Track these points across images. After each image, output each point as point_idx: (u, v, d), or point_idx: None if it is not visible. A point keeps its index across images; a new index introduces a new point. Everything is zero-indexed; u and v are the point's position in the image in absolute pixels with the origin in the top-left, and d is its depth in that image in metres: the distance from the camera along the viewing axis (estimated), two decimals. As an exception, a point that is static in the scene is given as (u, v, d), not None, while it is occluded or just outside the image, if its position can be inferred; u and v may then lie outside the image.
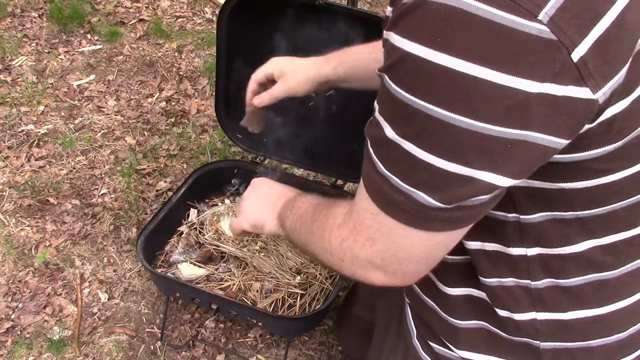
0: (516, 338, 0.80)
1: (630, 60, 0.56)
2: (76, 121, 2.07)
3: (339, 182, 1.60)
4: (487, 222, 0.71)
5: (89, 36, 2.40)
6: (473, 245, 0.75)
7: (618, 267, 0.74)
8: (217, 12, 2.40)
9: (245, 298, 1.45)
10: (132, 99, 2.18)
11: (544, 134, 0.56)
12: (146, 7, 2.58)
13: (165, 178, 1.91)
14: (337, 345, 1.55)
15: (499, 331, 0.81)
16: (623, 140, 0.61)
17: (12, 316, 1.56)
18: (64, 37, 2.38)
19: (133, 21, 2.50)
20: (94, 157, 1.96)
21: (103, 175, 1.91)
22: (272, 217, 1.00)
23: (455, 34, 0.54)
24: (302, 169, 1.82)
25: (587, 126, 0.58)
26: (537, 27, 0.52)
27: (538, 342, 0.79)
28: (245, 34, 1.44)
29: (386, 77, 0.59)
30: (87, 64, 2.29)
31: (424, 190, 0.61)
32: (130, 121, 2.09)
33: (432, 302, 0.87)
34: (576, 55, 0.53)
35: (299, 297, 1.45)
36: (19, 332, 1.53)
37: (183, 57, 2.38)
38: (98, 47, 2.37)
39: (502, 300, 0.77)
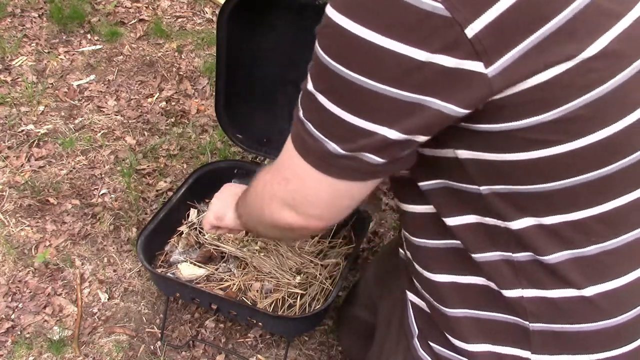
0: (505, 317, 0.80)
1: (536, 37, 0.62)
2: (76, 121, 2.07)
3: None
4: (462, 195, 0.76)
5: (89, 36, 2.40)
6: (455, 221, 0.79)
7: (590, 245, 0.74)
8: (217, 12, 2.40)
9: (245, 298, 1.45)
10: (132, 99, 2.18)
11: (438, 99, 0.64)
12: (146, 7, 2.58)
13: (165, 178, 1.91)
14: (337, 345, 1.55)
15: (489, 313, 0.81)
16: (553, 112, 0.65)
17: (12, 316, 1.56)
18: (64, 37, 2.38)
19: (133, 21, 2.50)
20: (94, 157, 1.96)
21: (103, 175, 1.91)
22: (231, 208, 1.11)
23: (365, 6, 0.63)
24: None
25: (498, 96, 0.64)
26: (433, 4, 0.59)
27: (527, 322, 0.79)
28: (245, 34, 1.44)
29: (317, 38, 0.68)
30: (87, 64, 2.29)
31: (331, 139, 0.70)
32: (130, 121, 2.09)
33: (426, 294, 0.88)
34: (470, 31, 0.60)
35: (299, 297, 1.45)
36: (19, 332, 1.53)
37: (183, 57, 2.38)
38: (98, 47, 2.37)
39: (491, 277, 0.79)
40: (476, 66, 0.61)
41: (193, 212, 1.64)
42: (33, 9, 2.45)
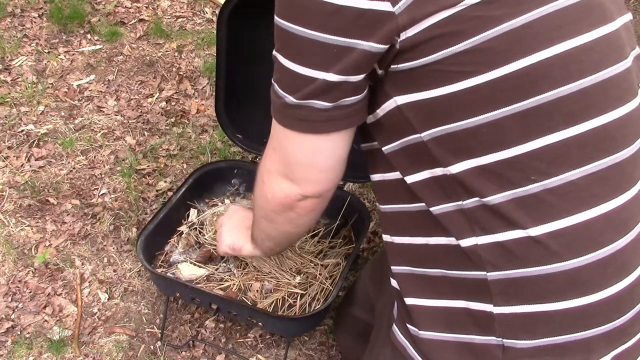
0: (465, 273, 0.82)
1: None
2: (76, 121, 2.07)
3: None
4: (406, 153, 0.84)
5: (89, 36, 2.40)
6: (413, 179, 0.85)
7: (529, 183, 0.76)
8: (217, 12, 2.41)
9: (245, 298, 1.45)
10: (132, 99, 2.18)
11: (360, 39, 0.73)
12: (146, 7, 2.58)
13: (165, 178, 1.91)
14: (336, 345, 1.55)
15: (450, 271, 0.84)
16: (464, 44, 0.72)
17: (12, 316, 1.56)
18: (64, 37, 2.38)
19: (133, 21, 2.50)
20: (94, 157, 1.96)
21: (103, 175, 1.91)
22: (247, 240, 1.20)
23: None
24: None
25: (408, 33, 0.72)
26: None
27: (485, 272, 0.80)
28: (245, 34, 1.44)
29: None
30: (87, 64, 2.29)
31: (286, 91, 0.81)
32: (130, 121, 2.09)
33: (396, 266, 0.93)
34: None
35: (299, 297, 1.45)
36: (19, 332, 1.53)
37: (183, 57, 2.38)
38: (98, 47, 2.37)
39: (448, 230, 0.82)
40: (384, 6, 0.71)
41: (193, 212, 1.64)
42: (33, 9, 2.45)
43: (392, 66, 0.77)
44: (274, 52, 0.81)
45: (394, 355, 0.93)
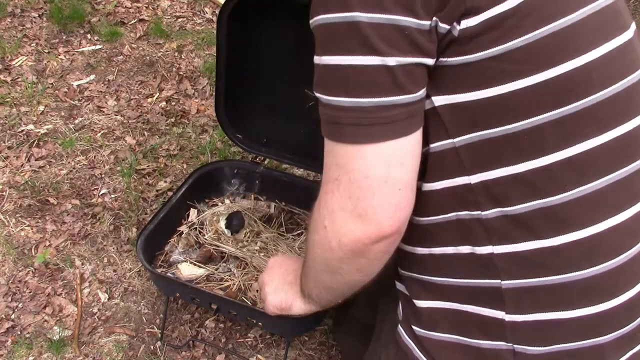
0: (478, 281, 0.80)
1: None
2: (76, 121, 2.07)
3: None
4: (431, 159, 0.78)
5: (89, 36, 2.40)
6: (429, 187, 0.81)
7: (559, 192, 0.74)
8: (217, 12, 2.41)
9: (245, 298, 1.45)
10: (132, 99, 2.18)
11: (400, 15, 0.67)
12: (146, 7, 2.58)
13: (165, 178, 1.91)
14: (336, 346, 1.55)
15: (461, 280, 0.82)
16: (521, 39, 0.69)
17: (12, 316, 1.56)
18: (64, 37, 2.38)
19: (133, 21, 2.50)
20: (94, 157, 1.96)
21: (103, 175, 1.91)
22: (295, 297, 1.04)
23: None
24: (302, 169, 1.82)
25: (471, 22, 0.68)
26: None
27: (499, 280, 0.78)
28: (245, 34, 1.44)
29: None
30: (87, 64, 2.29)
31: (357, 94, 0.70)
32: (130, 121, 2.09)
33: (408, 272, 0.91)
34: None
35: (299, 297, 1.45)
36: (19, 332, 1.53)
37: (183, 57, 2.38)
38: (98, 47, 2.37)
39: (463, 237, 0.80)
40: None
41: (193, 212, 1.64)
42: (33, 9, 2.45)
43: (440, 59, 0.71)
44: (317, 60, 0.73)
45: (399, 356, 0.92)
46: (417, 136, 0.74)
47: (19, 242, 1.71)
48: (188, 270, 1.49)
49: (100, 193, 1.86)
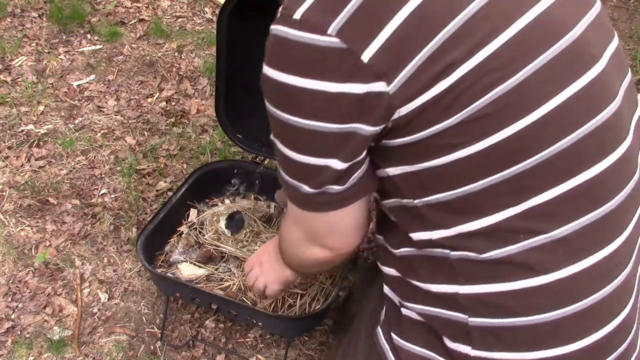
0: (448, 313, 0.82)
1: (429, 49, 0.67)
2: (76, 121, 2.07)
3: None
4: (403, 209, 0.83)
5: (89, 36, 2.40)
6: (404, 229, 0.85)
7: (517, 242, 0.75)
8: (217, 12, 2.40)
9: (245, 298, 1.45)
10: (132, 99, 2.18)
11: (361, 124, 0.71)
12: (146, 7, 2.58)
13: (165, 178, 1.91)
14: (336, 345, 1.55)
15: (435, 309, 0.84)
16: (459, 115, 0.70)
17: (12, 316, 1.56)
18: (64, 37, 2.38)
19: (133, 21, 2.50)
20: (94, 157, 1.96)
21: (103, 175, 1.91)
22: (285, 268, 1.16)
23: (280, 54, 0.72)
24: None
25: (402, 111, 0.70)
26: (328, 39, 0.67)
27: (466, 316, 0.80)
28: (245, 34, 1.44)
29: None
30: (87, 64, 2.29)
31: (299, 181, 0.79)
32: (130, 121, 2.09)
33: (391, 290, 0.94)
34: (366, 56, 0.67)
35: (299, 297, 1.45)
36: (19, 332, 1.53)
37: (183, 57, 2.38)
38: (98, 47, 2.37)
39: (431, 271, 0.83)
40: (380, 86, 0.68)
41: (193, 212, 1.64)
42: (33, 9, 2.45)
43: (382, 141, 0.76)
44: (272, 138, 0.80)
45: (371, 354, 0.94)
46: (359, 203, 0.83)
47: (19, 242, 1.71)
48: (188, 270, 1.49)
49: (100, 193, 1.85)
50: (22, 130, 2.00)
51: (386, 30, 0.67)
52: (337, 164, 0.75)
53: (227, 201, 1.70)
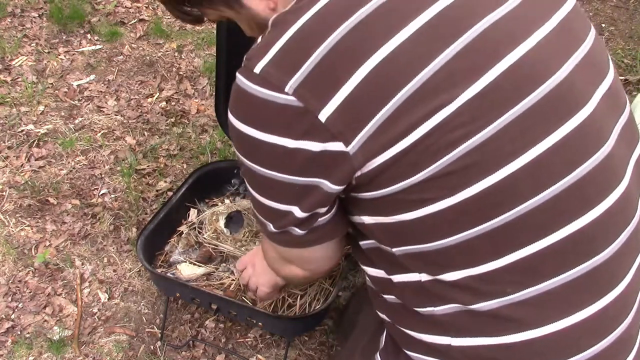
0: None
1: (387, 110, 0.66)
2: (76, 121, 2.07)
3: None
4: (383, 254, 0.82)
5: (89, 36, 2.40)
6: (385, 274, 0.85)
7: (501, 296, 0.73)
8: (217, 12, 2.40)
9: (245, 298, 1.45)
10: (132, 99, 2.18)
11: (321, 178, 0.72)
12: (146, 7, 2.58)
13: (165, 178, 1.91)
14: (336, 346, 1.55)
15: (427, 357, 0.83)
16: (424, 172, 0.68)
17: (12, 316, 1.56)
18: (64, 37, 2.38)
19: (133, 21, 2.50)
20: (94, 157, 1.96)
21: (103, 175, 1.91)
22: (275, 274, 1.17)
23: (242, 107, 0.74)
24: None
25: (363, 170, 0.69)
26: (285, 97, 0.68)
27: None
28: (245, 34, 1.43)
29: None
30: (87, 64, 2.29)
31: (265, 219, 0.82)
32: (130, 121, 2.09)
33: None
34: (323, 116, 0.67)
35: (299, 297, 1.45)
36: (19, 332, 1.53)
37: (183, 57, 2.38)
38: (98, 47, 2.37)
39: (423, 327, 0.82)
40: (338, 146, 0.68)
41: (193, 212, 1.64)
42: (33, 9, 2.45)
43: (352, 194, 0.76)
44: (244, 177, 0.82)
45: None
46: (327, 243, 0.85)
47: (19, 242, 1.71)
48: (188, 270, 1.49)
49: (100, 193, 1.85)
50: (22, 130, 2.00)
51: (343, 91, 0.66)
52: (297, 212, 0.77)
53: (227, 201, 1.70)
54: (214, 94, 1.96)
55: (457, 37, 0.68)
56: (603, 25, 2.74)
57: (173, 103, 2.19)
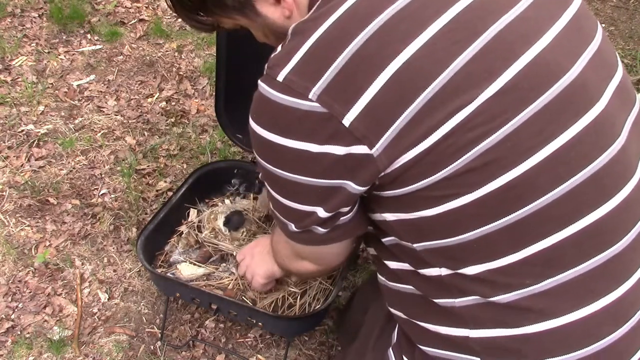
0: (460, 355, 0.82)
1: (409, 113, 0.69)
2: (76, 121, 2.07)
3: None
4: (404, 250, 0.84)
5: (89, 36, 2.40)
6: (405, 266, 0.87)
7: (520, 288, 0.75)
8: (217, 12, 2.40)
9: (245, 298, 1.45)
10: (132, 99, 2.18)
11: (345, 180, 0.74)
12: (146, 7, 2.58)
13: (165, 178, 1.91)
14: (336, 346, 1.55)
15: (446, 352, 0.84)
16: (445, 171, 0.71)
17: (12, 316, 1.56)
18: (64, 37, 2.38)
19: (133, 21, 2.50)
20: (94, 157, 1.96)
21: (103, 175, 1.91)
22: (274, 264, 1.21)
23: (266, 115, 0.75)
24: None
25: (387, 171, 0.72)
26: (309, 104, 0.70)
27: (478, 359, 0.80)
28: (245, 34, 1.43)
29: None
30: (87, 64, 2.29)
31: (287, 219, 0.85)
32: (130, 121, 2.09)
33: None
34: (347, 121, 0.69)
35: (299, 297, 1.45)
36: (19, 332, 1.53)
37: (183, 57, 2.38)
38: (98, 47, 2.37)
39: (440, 318, 0.83)
40: (362, 149, 0.70)
41: (193, 212, 1.64)
42: (33, 9, 2.45)
43: (374, 192, 0.78)
44: (264, 181, 0.84)
45: None
46: (330, 244, 0.88)
47: (19, 242, 1.71)
48: (188, 270, 1.49)
49: (100, 193, 1.85)
50: (22, 130, 2.00)
51: (366, 96, 0.69)
52: (321, 212, 0.79)
53: (227, 201, 1.70)
54: (214, 94, 1.96)
55: (474, 39, 0.70)
56: (603, 25, 2.74)
57: (173, 103, 2.19)
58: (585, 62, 0.75)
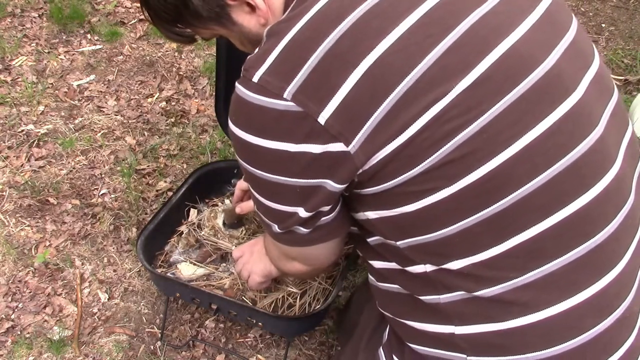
0: (446, 353, 0.82)
1: (384, 109, 0.69)
2: (76, 121, 2.07)
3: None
4: (388, 248, 0.84)
5: (89, 36, 2.40)
6: (389, 265, 0.88)
7: (503, 282, 0.75)
8: (217, 12, 2.40)
9: (245, 298, 1.45)
10: (132, 99, 2.18)
11: (323, 179, 0.74)
12: (146, 7, 2.58)
13: (165, 178, 1.91)
14: (336, 346, 1.55)
15: (433, 350, 0.85)
16: (422, 165, 0.71)
17: (12, 316, 1.56)
18: (64, 37, 2.38)
19: (133, 21, 2.50)
20: (94, 157, 1.96)
21: (103, 175, 1.91)
22: (271, 264, 1.20)
23: (243, 115, 0.77)
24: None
25: (365, 167, 0.72)
26: (284, 104, 0.70)
27: (465, 356, 0.80)
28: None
29: None
30: (87, 64, 2.29)
31: (270, 220, 0.86)
32: (130, 121, 2.09)
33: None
34: (322, 119, 0.70)
35: (299, 297, 1.45)
36: (19, 332, 1.53)
37: (183, 57, 2.38)
38: (98, 47, 2.37)
39: (424, 314, 0.83)
40: (339, 147, 0.71)
41: (193, 212, 1.64)
42: (33, 9, 2.45)
43: (355, 191, 0.78)
44: (248, 184, 0.85)
45: None
46: (330, 242, 0.89)
47: (19, 242, 1.71)
48: (188, 270, 1.49)
49: (100, 193, 1.86)
50: (22, 130, 2.00)
51: (340, 93, 0.69)
52: (302, 212, 0.79)
53: (227, 201, 1.70)
54: (214, 94, 1.96)
55: (447, 34, 0.71)
56: (603, 25, 2.74)
57: (173, 103, 2.19)
58: (559, 54, 0.75)
